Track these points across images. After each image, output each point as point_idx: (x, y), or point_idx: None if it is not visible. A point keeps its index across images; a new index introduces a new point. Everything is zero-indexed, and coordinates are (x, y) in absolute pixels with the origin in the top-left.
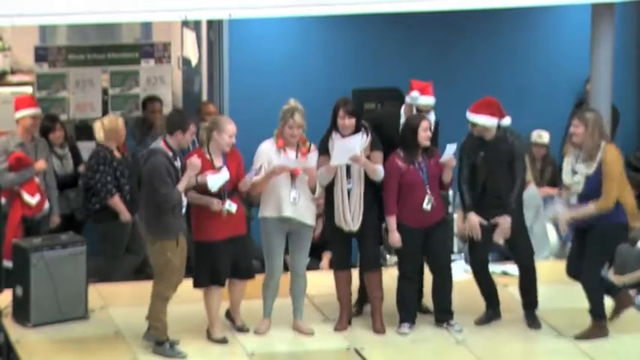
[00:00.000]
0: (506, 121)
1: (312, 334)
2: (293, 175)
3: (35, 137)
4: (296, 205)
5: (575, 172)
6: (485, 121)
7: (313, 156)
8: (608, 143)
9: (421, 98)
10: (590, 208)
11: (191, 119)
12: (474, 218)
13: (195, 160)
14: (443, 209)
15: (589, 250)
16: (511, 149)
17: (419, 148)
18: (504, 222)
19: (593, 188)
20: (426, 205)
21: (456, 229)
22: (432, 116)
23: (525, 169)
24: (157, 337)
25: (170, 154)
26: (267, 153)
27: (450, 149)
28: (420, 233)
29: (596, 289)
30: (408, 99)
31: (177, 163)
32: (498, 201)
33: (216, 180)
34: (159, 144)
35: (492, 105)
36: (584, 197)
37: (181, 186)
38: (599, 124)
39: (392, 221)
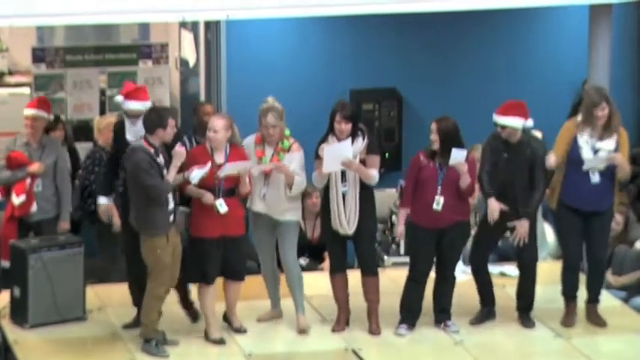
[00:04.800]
0: (529, 122)
1: (306, 331)
2: (265, 172)
3: (43, 138)
4: (265, 200)
5: (596, 150)
6: (515, 122)
7: (294, 155)
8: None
9: (128, 104)
10: (625, 164)
11: (170, 114)
12: (495, 203)
13: (179, 149)
14: (461, 214)
15: (601, 233)
16: (533, 156)
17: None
18: (522, 226)
19: (612, 165)
20: (436, 206)
21: None
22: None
23: (545, 178)
24: (145, 334)
25: (152, 150)
26: (248, 147)
27: (458, 154)
28: (433, 235)
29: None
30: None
31: (161, 159)
32: (514, 204)
33: (196, 173)
34: (140, 142)
35: (521, 107)
36: (603, 175)
37: (170, 176)
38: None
39: (401, 214)
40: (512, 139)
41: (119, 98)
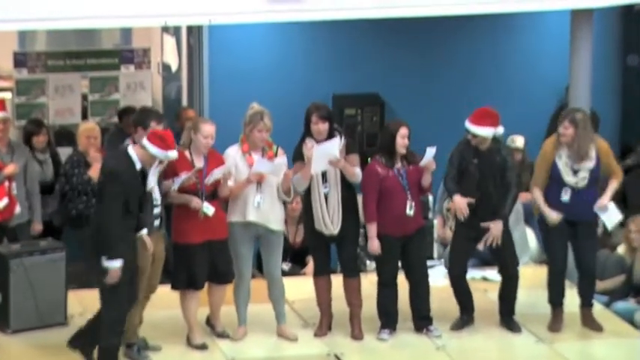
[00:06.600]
0: (500, 130)
1: (296, 339)
2: (258, 180)
3: (12, 142)
4: (260, 209)
5: (575, 170)
6: (487, 132)
7: (282, 160)
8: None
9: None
10: (613, 185)
11: (156, 117)
12: (460, 199)
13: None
14: (421, 216)
15: (590, 242)
16: (504, 161)
17: (397, 154)
18: (496, 227)
19: (594, 179)
20: (409, 211)
21: (435, 235)
22: None
23: (518, 181)
24: (127, 339)
25: None
26: (233, 157)
27: (430, 153)
28: (399, 242)
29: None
30: None
31: None
32: (488, 210)
33: (179, 179)
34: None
35: (493, 116)
36: (585, 189)
37: (149, 183)
38: (588, 123)
39: (372, 228)
40: (482, 146)
41: (163, 155)
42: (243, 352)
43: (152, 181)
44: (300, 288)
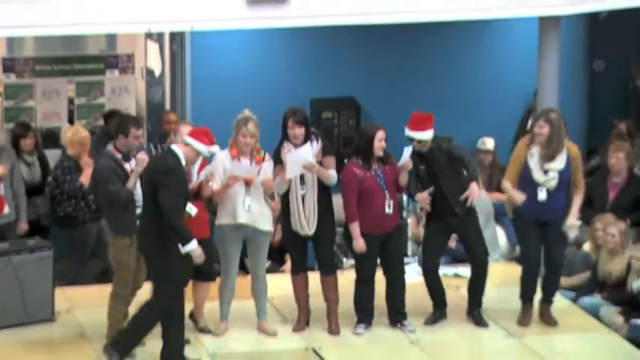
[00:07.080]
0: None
1: (276, 334)
2: (247, 182)
3: None
4: (250, 211)
5: (546, 170)
6: (429, 135)
7: (269, 165)
8: (568, 140)
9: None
10: (579, 202)
11: (134, 124)
12: (421, 194)
13: (141, 156)
14: (398, 215)
15: (558, 240)
16: (447, 150)
17: (373, 156)
18: (471, 189)
19: (564, 181)
20: (388, 210)
21: (409, 233)
22: None
23: (467, 154)
24: (111, 334)
25: (119, 156)
26: (222, 161)
27: (407, 152)
28: (378, 240)
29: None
30: None
31: (130, 164)
32: (451, 206)
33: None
34: (109, 147)
35: (430, 118)
36: (556, 190)
37: (130, 183)
38: (562, 122)
39: (355, 228)
40: (424, 149)
41: (207, 151)
42: (225, 347)
43: (195, 178)
44: (279, 285)
